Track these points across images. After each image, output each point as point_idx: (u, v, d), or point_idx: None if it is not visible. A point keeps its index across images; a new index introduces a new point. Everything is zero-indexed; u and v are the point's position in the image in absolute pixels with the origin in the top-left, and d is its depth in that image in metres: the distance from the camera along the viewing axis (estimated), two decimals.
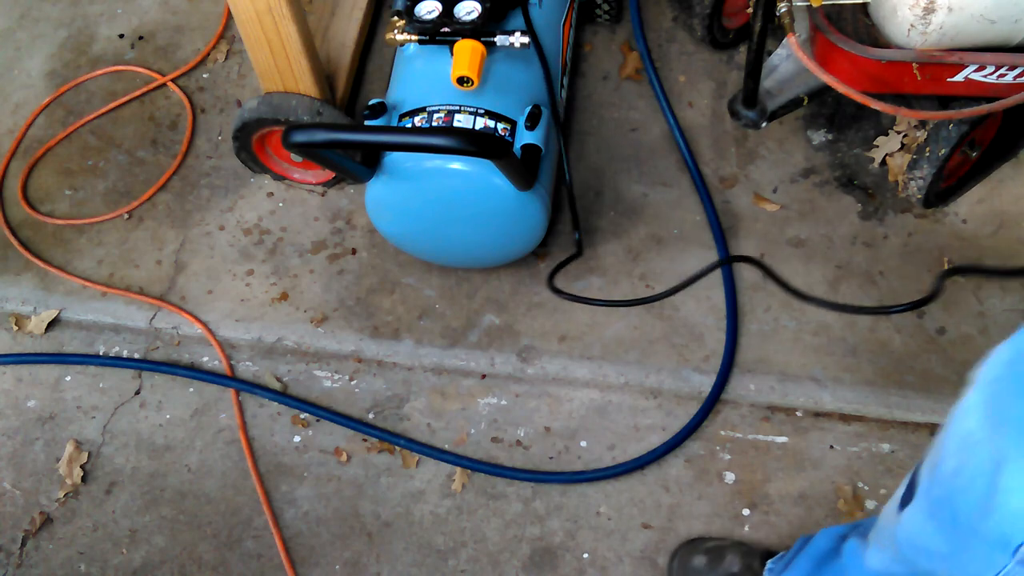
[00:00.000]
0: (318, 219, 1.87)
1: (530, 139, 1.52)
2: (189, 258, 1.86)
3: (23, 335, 1.83)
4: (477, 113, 1.51)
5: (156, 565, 1.63)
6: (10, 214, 1.94)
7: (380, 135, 1.46)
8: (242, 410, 1.73)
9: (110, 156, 1.99)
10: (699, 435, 1.64)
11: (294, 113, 1.67)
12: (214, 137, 1.98)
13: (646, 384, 1.67)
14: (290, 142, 1.41)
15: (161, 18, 2.13)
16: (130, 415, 1.75)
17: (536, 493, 1.63)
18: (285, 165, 1.86)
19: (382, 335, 1.75)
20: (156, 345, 1.80)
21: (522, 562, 1.58)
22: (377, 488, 1.65)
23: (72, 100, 2.06)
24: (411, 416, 1.70)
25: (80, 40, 2.13)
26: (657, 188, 1.82)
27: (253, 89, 2.01)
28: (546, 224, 1.63)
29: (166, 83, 2.04)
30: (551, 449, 1.65)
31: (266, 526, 1.64)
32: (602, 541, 1.58)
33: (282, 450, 1.69)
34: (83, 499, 1.69)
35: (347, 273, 1.81)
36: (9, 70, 2.11)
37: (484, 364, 1.71)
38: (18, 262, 1.89)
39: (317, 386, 1.74)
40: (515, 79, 1.57)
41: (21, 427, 1.76)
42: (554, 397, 1.69)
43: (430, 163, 1.51)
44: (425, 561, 1.59)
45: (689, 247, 1.77)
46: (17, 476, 1.72)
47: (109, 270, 1.87)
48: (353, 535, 1.62)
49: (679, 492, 1.61)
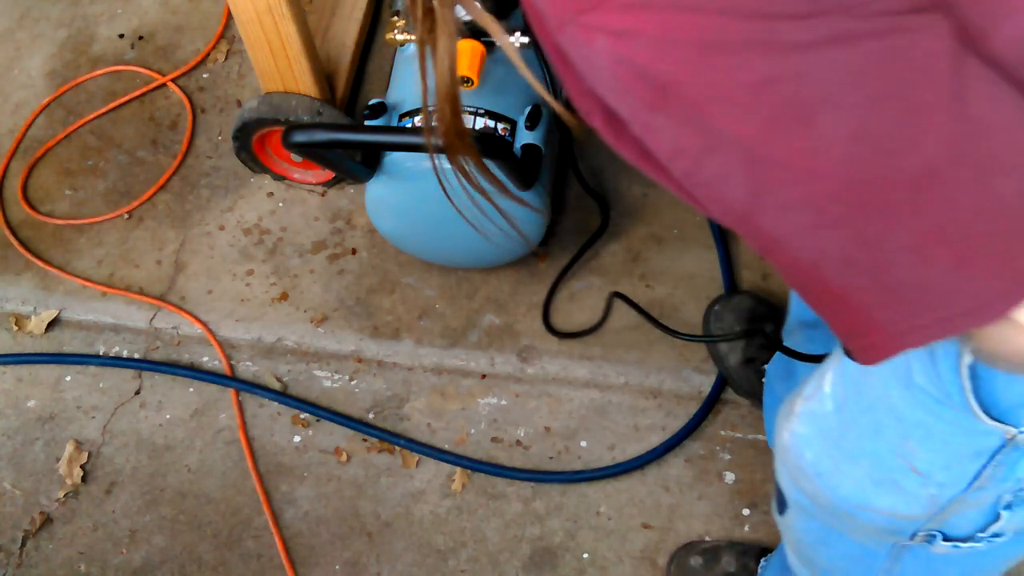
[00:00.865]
0: (318, 219, 1.87)
1: (530, 139, 1.52)
2: (189, 258, 1.86)
3: (23, 335, 1.83)
4: (477, 113, 1.51)
5: (156, 565, 1.63)
6: (10, 214, 1.94)
7: (380, 135, 1.46)
8: (242, 410, 1.73)
9: (110, 156, 1.99)
10: (699, 435, 1.64)
11: (294, 113, 1.67)
12: (214, 137, 1.98)
13: (646, 384, 1.67)
14: (290, 142, 1.41)
15: (161, 18, 2.13)
16: (130, 415, 1.75)
17: (536, 493, 1.63)
18: (285, 165, 1.86)
19: (382, 335, 1.75)
20: (156, 345, 1.80)
21: (522, 562, 1.58)
22: (377, 488, 1.65)
23: (72, 100, 2.06)
24: (411, 416, 1.70)
25: (80, 40, 2.13)
26: (657, 188, 1.82)
27: (253, 89, 2.01)
28: (546, 224, 1.63)
29: (166, 83, 2.04)
30: (551, 449, 1.65)
31: (266, 526, 1.64)
32: (602, 541, 1.58)
33: (282, 450, 1.69)
34: (83, 499, 1.70)
35: (347, 273, 1.81)
36: (9, 70, 2.11)
37: (484, 364, 1.71)
38: (18, 262, 1.89)
39: (317, 386, 1.74)
40: (515, 79, 1.57)
41: (21, 427, 1.76)
42: (554, 397, 1.69)
43: (430, 163, 1.51)
44: (425, 561, 1.59)
45: (689, 247, 1.77)
46: (17, 476, 1.72)
47: (109, 270, 1.87)
48: (353, 535, 1.62)
49: (679, 492, 1.61)
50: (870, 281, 0.49)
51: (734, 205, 0.50)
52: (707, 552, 1.51)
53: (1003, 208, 0.46)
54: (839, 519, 0.94)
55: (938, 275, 0.48)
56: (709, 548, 1.52)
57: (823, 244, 0.49)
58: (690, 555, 1.52)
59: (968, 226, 0.46)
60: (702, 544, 1.54)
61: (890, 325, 0.50)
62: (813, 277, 0.51)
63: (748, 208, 0.50)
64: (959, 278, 0.47)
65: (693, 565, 1.51)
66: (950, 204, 0.46)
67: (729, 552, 1.50)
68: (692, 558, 1.51)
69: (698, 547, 1.53)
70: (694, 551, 1.52)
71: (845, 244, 0.48)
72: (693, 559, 1.51)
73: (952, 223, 0.46)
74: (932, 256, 0.47)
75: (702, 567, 1.50)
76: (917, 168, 0.45)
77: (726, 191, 0.50)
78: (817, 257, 0.49)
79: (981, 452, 0.76)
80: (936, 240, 0.47)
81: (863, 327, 0.51)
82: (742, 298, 1.65)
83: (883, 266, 0.48)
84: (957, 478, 0.79)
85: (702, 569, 1.50)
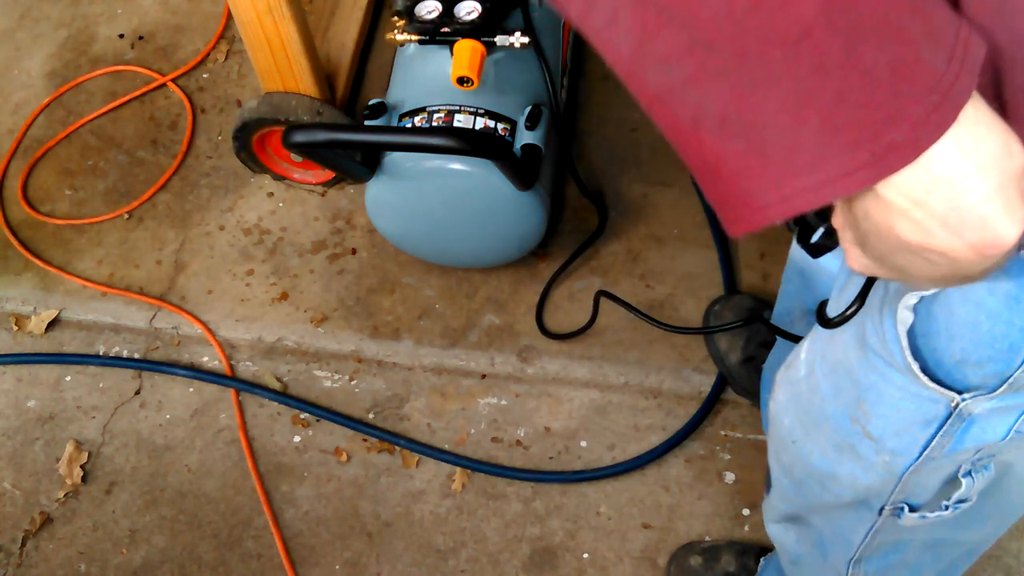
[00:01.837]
0: (318, 219, 1.87)
1: (530, 139, 1.52)
2: (189, 258, 1.86)
3: (23, 335, 1.83)
4: (477, 113, 1.51)
5: (156, 565, 1.63)
6: (10, 214, 1.94)
7: (380, 135, 1.46)
8: (242, 410, 1.73)
9: (110, 156, 1.99)
10: (699, 435, 1.64)
11: (294, 113, 1.67)
12: (214, 137, 1.98)
13: (646, 384, 1.67)
14: (290, 142, 1.41)
15: (161, 18, 2.13)
16: (130, 415, 1.75)
17: (536, 493, 1.63)
18: (285, 165, 1.86)
19: (382, 335, 1.75)
20: (156, 345, 1.80)
21: (522, 562, 1.58)
22: (377, 488, 1.65)
23: (72, 100, 2.06)
24: (411, 416, 1.70)
25: (80, 40, 2.13)
26: (657, 188, 1.82)
27: (253, 89, 2.01)
28: (546, 224, 1.63)
29: (166, 83, 2.04)
30: (551, 449, 1.65)
31: (266, 526, 1.64)
32: (602, 541, 1.58)
33: (282, 450, 1.69)
34: (83, 499, 1.70)
35: (347, 273, 1.81)
36: (9, 70, 2.12)
37: (484, 364, 1.71)
38: (18, 262, 1.89)
39: (317, 386, 1.74)
40: (515, 79, 1.57)
41: (21, 427, 1.76)
42: (554, 397, 1.69)
43: (430, 163, 1.51)
44: (425, 561, 1.59)
45: (689, 247, 1.77)
46: (17, 476, 1.72)
47: (109, 270, 1.87)
48: (353, 535, 1.62)
49: (679, 492, 1.61)
50: (743, 145, 0.50)
51: (622, 54, 0.50)
52: (707, 552, 1.51)
53: (872, 78, 0.47)
54: (810, 495, 0.96)
55: (808, 140, 0.48)
56: (709, 548, 1.52)
57: (702, 101, 0.49)
58: (690, 555, 1.52)
59: (839, 93, 0.47)
60: (702, 544, 1.54)
61: (759, 194, 0.51)
62: (692, 138, 0.51)
63: (635, 59, 0.50)
64: (827, 145, 0.48)
65: (693, 565, 1.51)
66: (822, 68, 0.47)
67: (729, 552, 1.50)
68: (692, 558, 1.52)
69: (698, 547, 1.53)
70: (694, 551, 1.52)
71: (723, 102, 0.49)
72: (693, 559, 1.51)
73: (824, 89, 0.47)
74: (804, 120, 0.48)
75: (702, 567, 1.50)
76: (792, 25, 0.46)
77: (615, 37, 0.50)
78: (695, 115, 0.50)
79: (930, 420, 0.77)
80: (808, 104, 0.47)
81: (733, 196, 0.52)
82: (742, 297, 1.66)
83: (756, 129, 0.49)
84: (908, 446, 0.80)
85: (702, 569, 1.50)
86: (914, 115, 0.47)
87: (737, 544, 1.52)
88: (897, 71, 0.47)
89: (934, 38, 0.47)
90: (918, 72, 0.47)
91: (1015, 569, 1.51)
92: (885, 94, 0.47)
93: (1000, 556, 1.51)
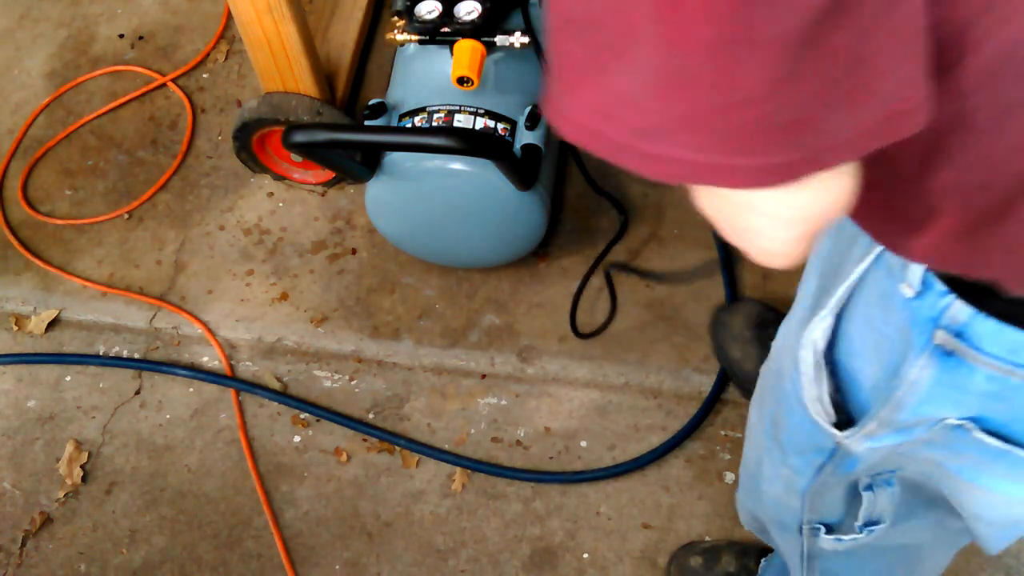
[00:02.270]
0: (318, 219, 1.87)
1: (530, 139, 1.52)
2: (189, 258, 1.86)
3: (23, 335, 1.83)
4: (477, 113, 1.51)
5: (156, 565, 1.63)
6: (10, 214, 1.94)
7: (380, 135, 1.46)
8: (242, 410, 1.73)
9: (110, 156, 1.99)
10: (699, 435, 1.64)
11: (294, 113, 1.67)
12: (214, 137, 1.98)
13: (646, 384, 1.67)
14: (290, 142, 1.41)
15: (161, 18, 2.13)
16: (130, 415, 1.75)
17: (536, 493, 1.63)
18: (285, 165, 1.86)
19: (382, 335, 1.75)
20: (156, 345, 1.80)
21: (522, 562, 1.58)
22: (377, 488, 1.65)
23: (72, 100, 2.06)
24: (411, 416, 1.70)
25: (80, 40, 2.13)
26: (657, 188, 1.82)
27: (253, 89, 2.01)
28: (546, 224, 1.63)
29: (166, 83, 2.04)
30: (551, 449, 1.65)
31: (266, 526, 1.64)
32: (602, 541, 1.58)
33: (282, 450, 1.69)
34: (83, 499, 1.70)
35: (347, 273, 1.81)
36: (9, 70, 2.11)
37: (484, 364, 1.71)
38: (18, 262, 1.89)
39: (317, 386, 1.74)
40: (515, 79, 1.57)
41: (21, 427, 1.76)
42: (554, 397, 1.69)
43: (430, 163, 1.51)
44: (425, 561, 1.59)
45: (689, 247, 1.77)
46: (17, 476, 1.72)
47: (109, 270, 1.87)
48: (353, 535, 1.62)
49: (679, 492, 1.61)
50: (580, 48, 0.47)
51: None
52: (707, 552, 1.51)
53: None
54: (755, 502, 0.98)
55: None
56: (709, 548, 1.52)
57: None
58: (690, 555, 1.52)
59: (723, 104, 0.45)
60: (702, 544, 1.54)
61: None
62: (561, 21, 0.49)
63: None
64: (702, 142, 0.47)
65: (693, 565, 1.51)
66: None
67: (729, 552, 1.50)
68: (692, 558, 1.51)
69: (698, 547, 1.53)
70: (694, 551, 1.52)
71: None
72: (693, 559, 1.51)
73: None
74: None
75: (702, 567, 1.50)
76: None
77: None
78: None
79: (821, 449, 0.78)
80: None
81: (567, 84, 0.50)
82: (746, 304, 1.65)
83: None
84: (805, 466, 0.83)
85: (702, 569, 1.50)
86: (778, 159, 0.46)
87: (737, 544, 1.52)
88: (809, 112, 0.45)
89: (853, 101, 0.45)
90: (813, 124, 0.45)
91: (1015, 569, 1.51)
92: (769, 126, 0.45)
93: (1000, 556, 1.51)
